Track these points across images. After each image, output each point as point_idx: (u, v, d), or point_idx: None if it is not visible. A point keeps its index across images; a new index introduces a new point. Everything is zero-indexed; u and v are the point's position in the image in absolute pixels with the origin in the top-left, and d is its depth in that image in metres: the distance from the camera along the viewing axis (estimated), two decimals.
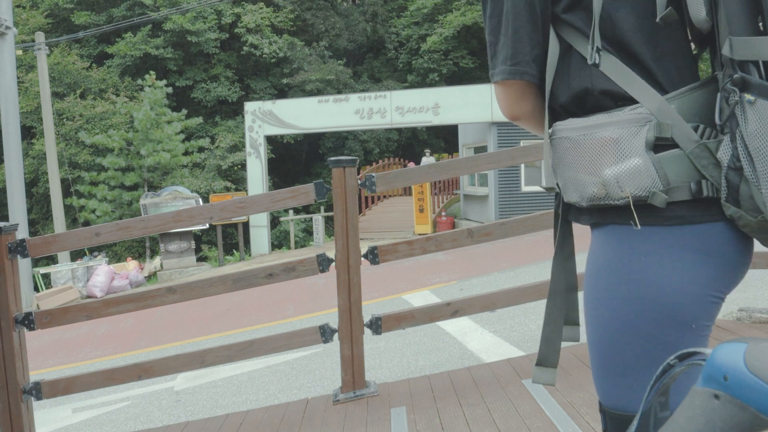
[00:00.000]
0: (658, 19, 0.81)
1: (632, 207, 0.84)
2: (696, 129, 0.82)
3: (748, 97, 0.74)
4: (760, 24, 0.75)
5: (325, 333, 3.02)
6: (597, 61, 0.84)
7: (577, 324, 1.07)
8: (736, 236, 0.84)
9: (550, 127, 0.96)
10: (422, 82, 23.53)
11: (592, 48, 0.84)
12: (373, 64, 26.34)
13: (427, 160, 18.99)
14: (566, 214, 1.00)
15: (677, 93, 0.83)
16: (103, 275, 12.03)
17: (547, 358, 1.03)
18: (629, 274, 0.86)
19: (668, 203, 0.83)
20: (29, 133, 19.00)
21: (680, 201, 0.83)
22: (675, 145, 0.82)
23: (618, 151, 0.83)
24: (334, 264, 3.02)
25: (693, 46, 0.91)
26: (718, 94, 0.81)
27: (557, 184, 0.98)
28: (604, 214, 0.90)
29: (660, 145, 0.82)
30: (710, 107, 0.83)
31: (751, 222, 0.79)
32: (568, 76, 0.91)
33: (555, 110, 0.96)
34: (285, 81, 22.48)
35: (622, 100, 0.85)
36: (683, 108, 0.82)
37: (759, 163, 0.74)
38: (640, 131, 0.82)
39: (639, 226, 0.85)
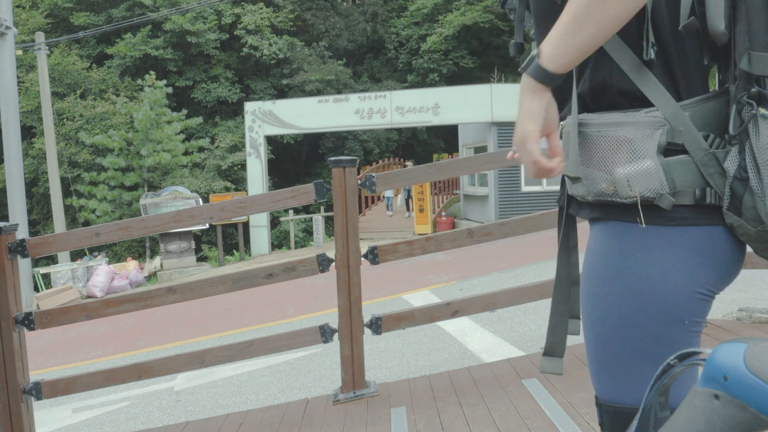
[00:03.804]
0: (680, 28, 0.83)
1: (639, 207, 0.86)
2: (706, 138, 0.84)
3: (762, 111, 0.77)
4: None
5: (325, 333, 3.02)
6: (652, 56, 0.84)
7: (578, 317, 1.09)
8: (734, 240, 0.87)
9: (562, 120, 0.96)
10: (422, 82, 23.53)
11: (647, 44, 0.84)
12: (373, 64, 26.33)
13: None
14: (568, 206, 1.02)
15: (692, 101, 0.85)
16: (103, 275, 12.03)
17: (554, 348, 1.07)
18: (627, 270, 0.88)
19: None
20: (29, 132, 19.01)
21: (683, 205, 0.85)
22: (684, 151, 0.84)
23: (631, 152, 0.86)
24: (334, 264, 3.02)
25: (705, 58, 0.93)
26: (733, 106, 0.83)
27: (564, 177, 0.99)
28: (608, 210, 0.91)
29: (670, 149, 0.84)
30: (721, 118, 0.85)
31: (750, 231, 0.82)
32: (590, 66, 0.91)
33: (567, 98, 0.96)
34: (285, 81, 22.48)
35: (637, 100, 0.87)
36: (695, 116, 0.84)
37: (766, 176, 0.77)
38: (654, 134, 0.84)
39: (644, 225, 0.87)
